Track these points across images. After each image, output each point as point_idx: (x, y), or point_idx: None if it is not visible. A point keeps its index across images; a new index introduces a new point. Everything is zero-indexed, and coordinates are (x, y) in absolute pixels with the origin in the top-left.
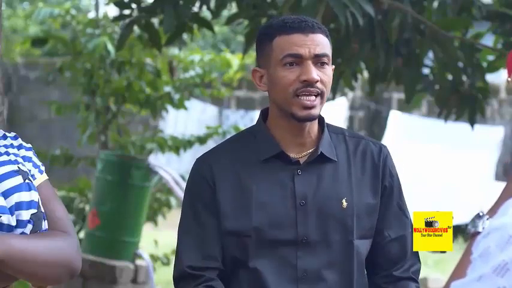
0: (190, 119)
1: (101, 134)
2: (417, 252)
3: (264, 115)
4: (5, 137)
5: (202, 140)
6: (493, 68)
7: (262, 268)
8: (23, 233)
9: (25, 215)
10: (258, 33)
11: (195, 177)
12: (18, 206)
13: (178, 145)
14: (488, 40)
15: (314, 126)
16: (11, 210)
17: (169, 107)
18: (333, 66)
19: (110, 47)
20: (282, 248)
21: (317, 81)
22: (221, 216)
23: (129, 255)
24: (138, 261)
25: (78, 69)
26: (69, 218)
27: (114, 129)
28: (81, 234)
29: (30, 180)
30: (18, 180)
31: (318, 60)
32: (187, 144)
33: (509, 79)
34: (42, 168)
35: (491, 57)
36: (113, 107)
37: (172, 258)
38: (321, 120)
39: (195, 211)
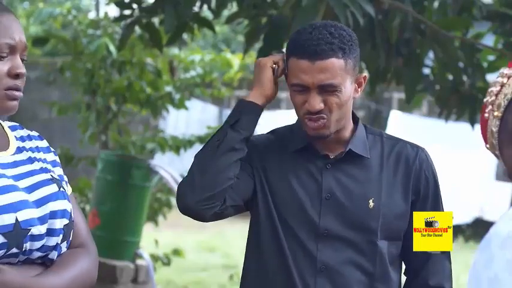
0: (191, 119)
1: (101, 134)
2: (448, 254)
3: None
4: (30, 138)
5: (202, 140)
6: (493, 68)
7: (286, 251)
8: (56, 244)
9: (58, 223)
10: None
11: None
12: (53, 214)
13: (178, 145)
14: (489, 40)
15: (343, 133)
16: (44, 219)
17: (169, 107)
18: (364, 75)
19: (112, 48)
20: (304, 238)
21: (320, 110)
22: (256, 180)
23: (129, 255)
24: (139, 261)
25: (79, 69)
26: (88, 228)
27: (114, 129)
28: None
29: (64, 189)
30: (53, 188)
31: (324, 88)
32: (187, 144)
33: (487, 146)
34: (66, 178)
35: (491, 57)
36: (114, 107)
37: (173, 258)
38: (355, 120)
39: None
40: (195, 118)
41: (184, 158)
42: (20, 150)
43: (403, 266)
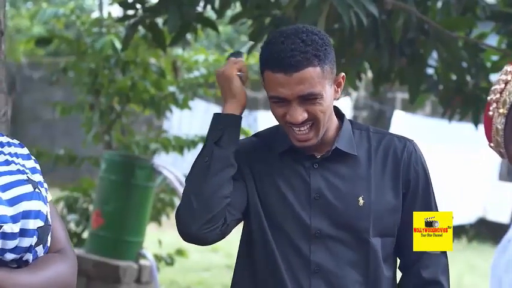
0: (194, 119)
1: (105, 134)
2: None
3: None
4: (9, 144)
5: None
6: (497, 68)
7: (277, 258)
8: (30, 246)
9: (32, 224)
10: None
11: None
12: (26, 214)
13: (182, 145)
14: (492, 40)
15: (327, 133)
16: (16, 218)
17: (173, 107)
18: (342, 74)
19: (118, 45)
20: (296, 240)
21: (303, 121)
22: (248, 188)
23: (132, 255)
24: (142, 261)
25: (82, 69)
26: (68, 236)
27: (118, 129)
28: (85, 234)
29: (40, 191)
30: (28, 188)
31: (304, 98)
32: (191, 144)
33: (491, 144)
34: (46, 186)
35: (495, 58)
36: (117, 107)
37: (176, 258)
38: (341, 117)
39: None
40: (198, 118)
41: (186, 158)
42: None
43: (398, 262)
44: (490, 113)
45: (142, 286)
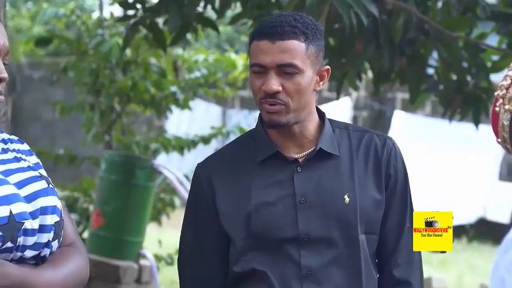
0: (194, 119)
1: (105, 134)
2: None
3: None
4: (11, 141)
5: (206, 140)
6: (497, 68)
7: (266, 269)
8: (48, 241)
9: (49, 220)
10: None
11: (194, 190)
12: (44, 210)
13: (182, 145)
14: (493, 40)
15: (308, 127)
16: (35, 215)
17: (173, 107)
18: (327, 67)
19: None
20: (284, 247)
21: (276, 92)
22: (223, 225)
23: (133, 255)
24: (142, 261)
25: (83, 69)
26: (76, 229)
27: (118, 129)
28: (85, 234)
29: (53, 186)
30: (42, 184)
31: (283, 70)
32: (191, 144)
33: (498, 140)
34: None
35: (495, 58)
36: (117, 107)
37: (176, 258)
38: (322, 116)
39: (194, 227)
40: (198, 118)
41: (185, 157)
42: (5, 151)
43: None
44: (497, 108)
45: (143, 286)
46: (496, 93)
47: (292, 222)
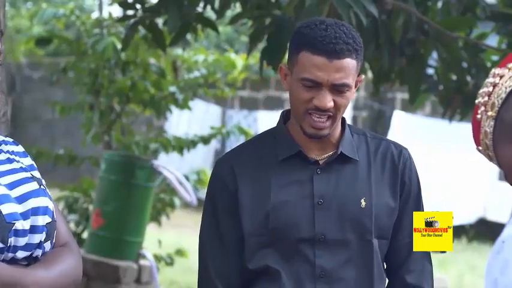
0: (194, 119)
1: (104, 134)
2: (428, 255)
3: (285, 116)
4: (5, 143)
5: (205, 140)
6: None
7: (280, 267)
8: (40, 242)
9: (41, 220)
10: (294, 31)
11: (217, 183)
12: (35, 211)
13: (181, 145)
14: (493, 40)
15: (334, 132)
16: (26, 215)
17: (172, 107)
18: (362, 76)
19: (118, 46)
20: (300, 246)
21: (328, 108)
22: (242, 220)
23: (132, 255)
24: (142, 261)
25: (82, 69)
26: (70, 230)
27: (117, 129)
28: (85, 234)
29: (45, 188)
30: (34, 185)
31: (336, 88)
32: (190, 144)
33: (479, 148)
34: (44, 182)
35: (495, 58)
36: (117, 107)
37: (176, 259)
38: (342, 121)
39: (215, 220)
40: (197, 118)
41: (185, 157)
42: None
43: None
44: (478, 116)
45: (142, 286)
46: (477, 101)
47: (309, 223)
